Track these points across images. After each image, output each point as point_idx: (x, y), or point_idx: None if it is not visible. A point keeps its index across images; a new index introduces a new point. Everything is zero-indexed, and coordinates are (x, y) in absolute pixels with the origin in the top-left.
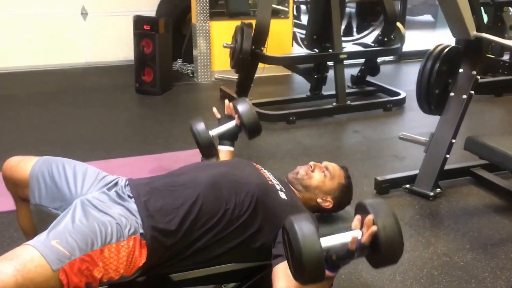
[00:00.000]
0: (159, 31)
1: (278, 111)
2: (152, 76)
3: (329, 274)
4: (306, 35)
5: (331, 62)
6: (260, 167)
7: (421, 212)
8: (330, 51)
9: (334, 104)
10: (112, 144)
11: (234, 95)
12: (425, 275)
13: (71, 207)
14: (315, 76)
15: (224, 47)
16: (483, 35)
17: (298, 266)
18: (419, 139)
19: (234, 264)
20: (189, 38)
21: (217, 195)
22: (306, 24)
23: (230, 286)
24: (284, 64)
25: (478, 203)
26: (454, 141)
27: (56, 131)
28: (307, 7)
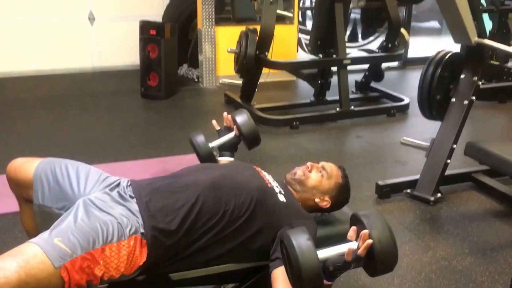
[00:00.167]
0: (165, 36)
1: (282, 116)
2: (157, 81)
3: (326, 283)
4: (310, 41)
5: (335, 68)
6: (260, 169)
7: (421, 216)
8: (334, 56)
9: (338, 109)
10: (118, 148)
11: (239, 100)
12: (423, 279)
13: (74, 207)
14: (319, 81)
15: (228, 52)
16: (484, 41)
17: (297, 280)
18: (421, 144)
19: (233, 265)
20: (194, 44)
21: (217, 196)
22: (310, 29)
23: (229, 286)
24: (288, 69)
25: (479, 208)
26: (455, 146)
27: (62, 134)
28: (312, 13)
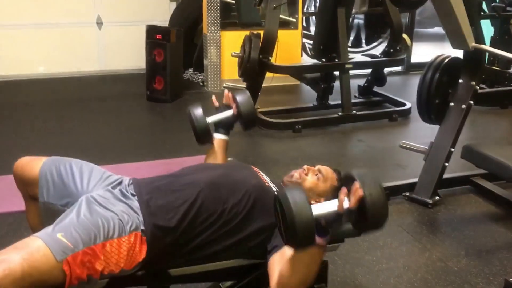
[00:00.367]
0: (171, 41)
1: (284, 120)
2: (163, 84)
3: (319, 241)
4: (313, 45)
5: (338, 72)
6: (258, 170)
7: (419, 219)
8: (336, 61)
9: (340, 113)
10: (123, 150)
11: None
12: (419, 279)
13: (77, 203)
14: (322, 85)
15: (232, 56)
16: (482, 46)
17: (291, 230)
18: (419, 147)
19: (232, 261)
20: (200, 48)
21: (215, 195)
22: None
23: (228, 284)
24: (290, 73)
25: (476, 212)
26: (453, 150)
27: (70, 136)
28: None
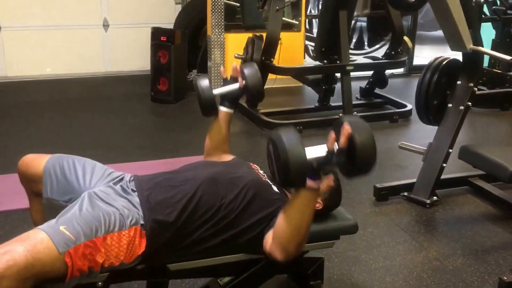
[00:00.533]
0: (175, 42)
1: (285, 121)
2: (167, 85)
3: (311, 183)
4: (315, 47)
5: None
6: (256, 166)
7: (417, 218)
8: (338, 62)
9: (341, 114)
10: (126, 149)
11: (244, 104)
12: (414, 277)
13: (80, 198)
14: (323, 87)
15: (235, 58)
16: (479, 48)
17: (284, 169)
18: (418, 148)
19: (230, 257)
20: (204, 50)
21: (213, 190)
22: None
23: (226, 280)
24: (292, 74)
25: (474, 212)
26: (451, 150)
27: (75, 135)
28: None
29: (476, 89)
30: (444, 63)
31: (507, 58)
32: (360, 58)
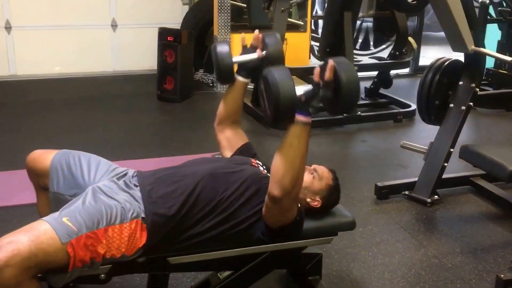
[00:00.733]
0: (182, 42)
1: None
2: (173, 85)
3: (300, 117)
4: (319, 48)
5: None
6: (258, 162)
7: (417, 217)
8: None
9: (345, 114)
10: (132, 147)
11: (249, 104)
12: (413, 275)
13: (84, 193)
14: None
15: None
16: (481, 49)
17: (275, 102)
18: (420, 147)
19: (230, 251)
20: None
21: (213, 185)
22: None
23: (226, 274)
24: (296, 74)
25: (475, 211)
26: (452, 150)
27: (82, 133)
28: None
29: (478, 89)
30: (446, 63)
31: (508, 59)
32: (366, 58)
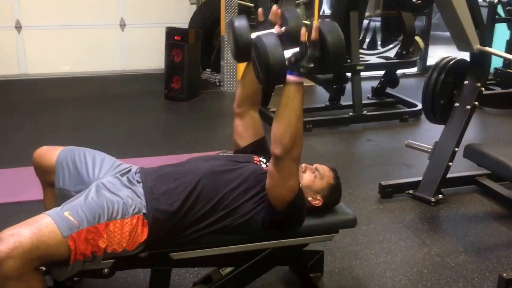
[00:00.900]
0: (189, 42)
1: None
2: (180, 84)
3: (291, 77)
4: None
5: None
6: (260, 159)
7: (421, 216)
8: (348, 62)
9: (351, 113)
10: (139, 144)
11: (260, 107)
12: (415, 273)
13: (88, 188)
14: (334, 86)
15: None
16: (486, 48)
17: (265, 64)
18: (424, 147)
19: (231, 247)
20: (218, 49)
21: (215, 182)
22: None
23: (227, 270)
24: None
25: (479, 211)
26: (457, 149)
27: (90, 131)
28: None
29: (483, 89)
30: (451, 62)
31: None
32: (373, 58)
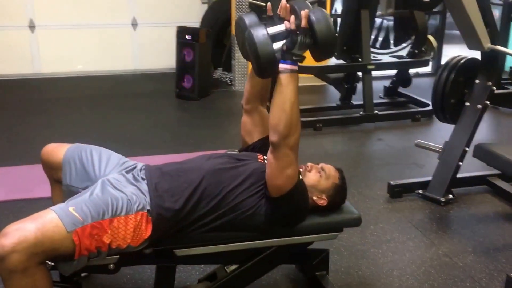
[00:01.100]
0: (199, 41)
1: (306, 118)
2: (191, 83)
3: (285, 66)
4: (336, 46)
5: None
6: (265, 157)
7: (430, 216)
8: (359, 61)
9: (361, 113)
10: (149, 143)
11: (267, 103)
12: (422, 272)
13: (94, 185)
14: (345, 85)
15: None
16: (497, 47)
17: (256, 59)
18: (434, 146)
19: (236, 244)
20: (229, 48)
21: (218, 180)
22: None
23: (232, 268)
24: (314, 73)
25: (490, 211)
26: (467, 149)
27: (102, 130)
28: None
29: (494, 88)
30: (462, 61)
31: None
32: (386, 57)
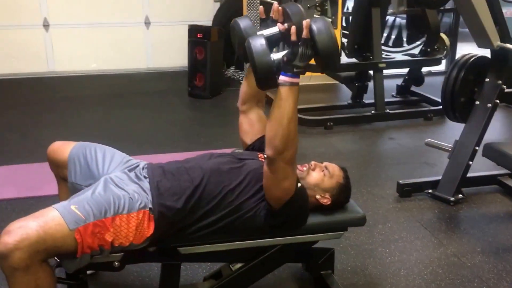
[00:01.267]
0: (211, 39)
1: (316, 117)
2: (203, 81)
3: (284, 78)
4: (347, 44)
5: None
6: (264, 156)
7: (439, 215)
8: (371, 58)
9: (373, 111)
10: (160, 141)
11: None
12: (429, 272)
13: (96, 183)
14: (356, 84)
15: None
16: (507, 45)
17: (255, 72)
18: (444, 145)
19: (240, 243)
20: None
21: (218, 179)
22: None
23: (237, 266)
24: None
25: (500, 211)
26: (477, 148)
27: (114, 128)
28: None
29: (504, 86)
30: (472, 60)
31: None
32: (399, 55)
